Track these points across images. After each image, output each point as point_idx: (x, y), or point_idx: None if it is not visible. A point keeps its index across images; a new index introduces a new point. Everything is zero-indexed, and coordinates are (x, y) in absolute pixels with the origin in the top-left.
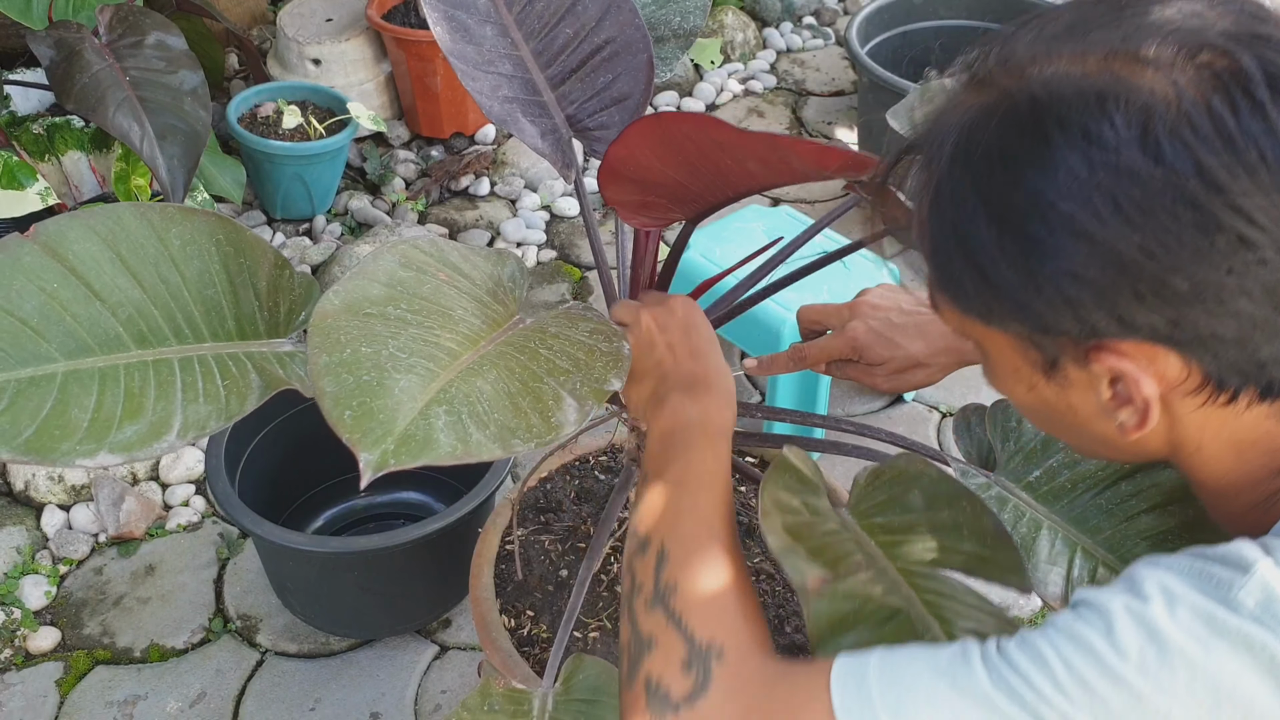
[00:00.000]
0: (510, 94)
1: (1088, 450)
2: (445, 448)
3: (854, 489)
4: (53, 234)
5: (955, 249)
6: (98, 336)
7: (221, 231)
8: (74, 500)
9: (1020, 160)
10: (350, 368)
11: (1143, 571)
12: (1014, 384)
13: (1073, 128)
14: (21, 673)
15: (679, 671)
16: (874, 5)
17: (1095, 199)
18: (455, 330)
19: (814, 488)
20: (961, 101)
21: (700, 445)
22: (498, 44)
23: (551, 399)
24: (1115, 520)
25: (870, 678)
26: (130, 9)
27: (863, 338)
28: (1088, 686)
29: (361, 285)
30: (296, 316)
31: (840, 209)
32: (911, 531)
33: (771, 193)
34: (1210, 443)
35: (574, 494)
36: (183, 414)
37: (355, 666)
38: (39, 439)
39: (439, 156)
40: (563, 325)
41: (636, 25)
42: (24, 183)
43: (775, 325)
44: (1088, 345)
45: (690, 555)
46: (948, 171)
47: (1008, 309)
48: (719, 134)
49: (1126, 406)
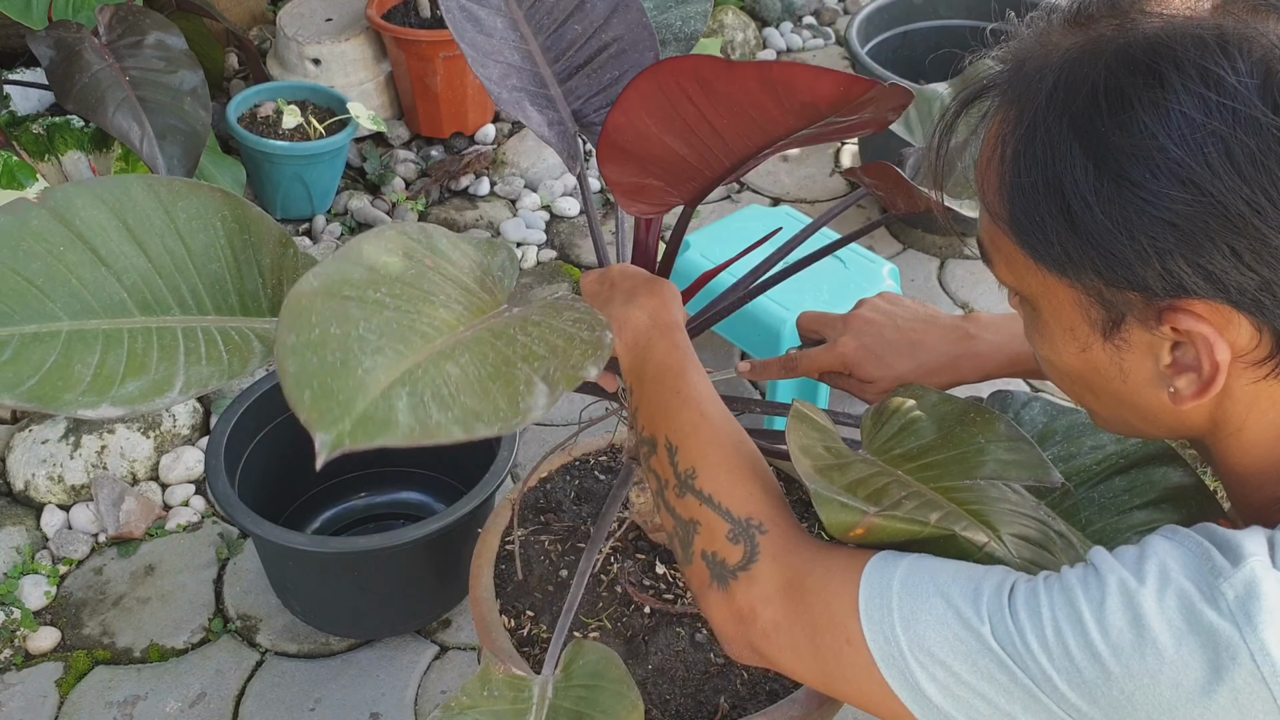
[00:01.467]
0: (519, 84)
1: (1119, 421)
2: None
3: (863, 431)
4: (61, 200)
5: (1044, 191)
6: (102, 301)
7: (228, 208)
8: (74, 500)
9: (1130, 100)
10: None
11: (1155, 545)
12: (1065, 343)
13: (1190, 69)
14: (21, 673)
15: (728, 543)
16: (874, 5)
17: (1208, 146)
18: (434, 316)
19: (830, 434)
20: (1057, 43)
21: (658, 343)
22: (508, 36)
23: (523, 384)
24: (1108, 515)
25: (894, 588)
26: (130, 9)
27: (852, 354)
28: (1069, 654)
29: (343, 267)
30: None
31: (840, 207)
32: (933, 453)
33: (772, 193)
34: (1254, 424)
35: (574, 494)
36: (185, 373)
37: (355, 666)
38: (41, 388)
39: (439, 156)
40: (547, 314)
41: (644, 25)
42: (24, 183)
43: (775, 325)
44: (1162, 304)
45: (693, 441)
46: (1045, 109)
47: (1090, 258)
48: (709, 71)
49: (1186, 373)
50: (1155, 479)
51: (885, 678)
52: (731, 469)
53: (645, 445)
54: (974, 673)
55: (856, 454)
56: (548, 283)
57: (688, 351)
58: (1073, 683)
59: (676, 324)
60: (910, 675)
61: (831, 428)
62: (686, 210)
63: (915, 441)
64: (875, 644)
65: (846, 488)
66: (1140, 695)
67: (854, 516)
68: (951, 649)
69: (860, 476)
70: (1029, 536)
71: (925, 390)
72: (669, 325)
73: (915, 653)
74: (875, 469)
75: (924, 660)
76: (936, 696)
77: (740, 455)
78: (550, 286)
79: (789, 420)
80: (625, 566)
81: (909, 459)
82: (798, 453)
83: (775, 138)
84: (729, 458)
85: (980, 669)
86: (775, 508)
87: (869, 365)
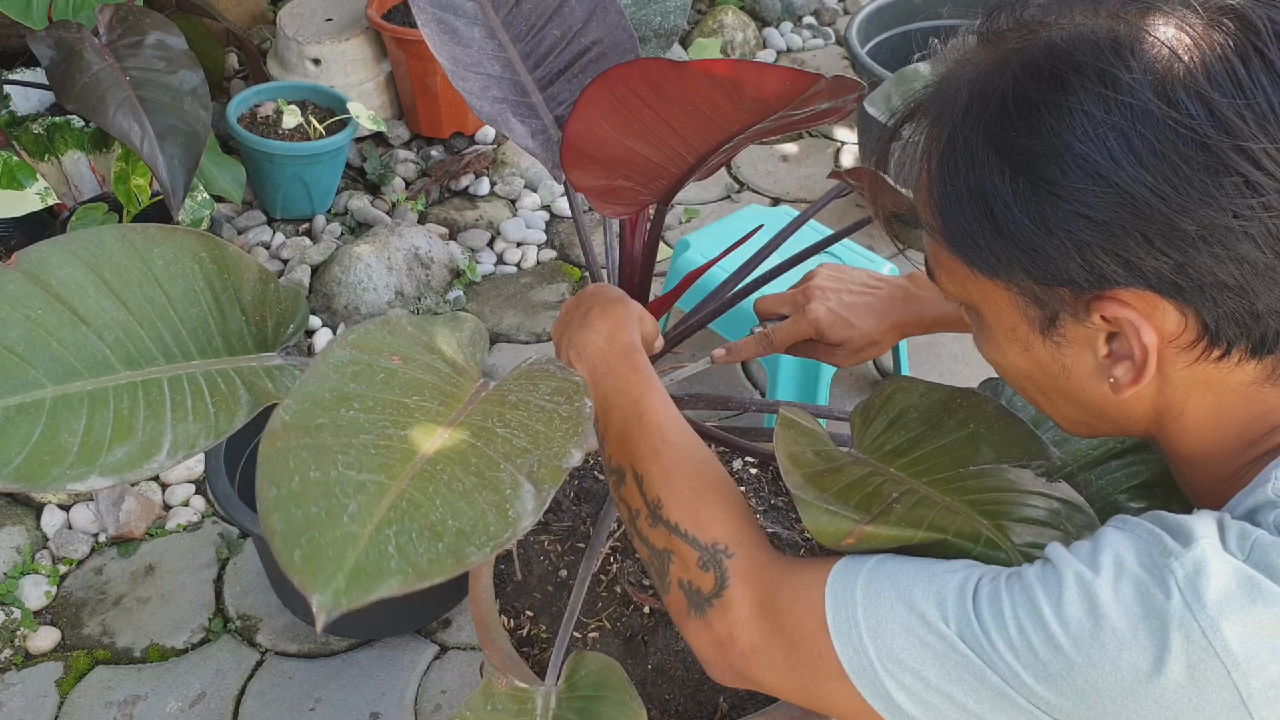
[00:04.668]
0: (499, 95)
1: (1073, 420)
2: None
3: (853, 428)
4: (35, 261)
5: (967, 199)
6: (85, 360)
7: (204, 249)
8: (74, 500)
9: (1036, 104)
10: (299, 500)
11: (1108, 536)
12: (1009, 345)
13: (1089, 72)
14: (21, 673)
15: (699, 571)
16: (874, 5)
17: (1110, 140)
18: (410, 423)
19: (819, 436)
20: (972, 59)
21: (615, 367)
22: (486, 46)
23: (509, 487)
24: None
25: (857, 598)
26: (130, 9)
27: (824, 319)
28: (1032, 648)
29: (312, 390)
30: (284, 329)
31: (824, 199)
32: (924, 445)
33: (772, 193)
34: (1194, 407)
35: (573, 494)
36: (172, 433)
37: (355, 666)
38: (29, 466)
39: (439, 156)
40: (524, 389)
41: (623, 27)
42: (24, 183)
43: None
44: (1089, 296)
45: (657, 469)
46: (961, 122)
47: (1016, 257)
48: (656, 74)
49: (1122, 362)
50: (1151, 463)
51: (857, 688)
52: (695, 494)
53: (614, 475)
54: (942, 676)
55: (847, 454)
56: (548, 282)
57: (645, 374)
58: (1039, 676)
59: (632, 346)
60: (880, 684)
61: (819, 429)
62: (661, 208)
63: (905, 435)
64: (845, 656)
65: (839, 493)
66: (1103, 681)
67: (845, 526)
68: (919, 654)
69: (852, 480)
70: (1032, 517)
71: (911, 381)
72: (625, 348)
73: (884, 661)
74: (867, 469)
75: (893, 668)
76: (907, 704)
77: (702, 478)
78: (551, 286)
79: (776, 429)
80: (625, 566)
81: (900, 454)
82: (787, 463)
83: (733, 133)
84: (692, 483)
85: (948, 672)
86: (740, 528)
87: (838, 328)
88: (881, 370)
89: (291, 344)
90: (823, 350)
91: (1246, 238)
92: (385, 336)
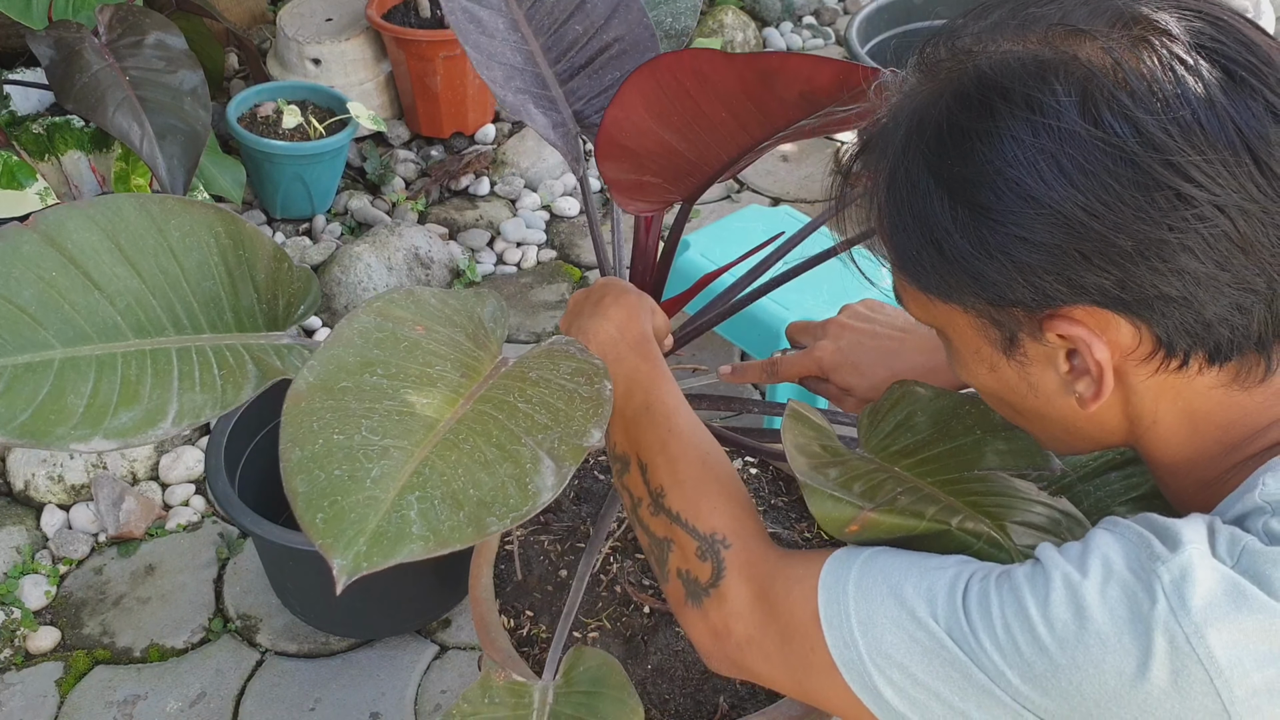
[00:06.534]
0: (521, 86)
1: (1050, 438)
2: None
3: (860, 429)
4: (52, 223)
5: (912, 227)
6: (95, 325)
7: (220, 224)
8: (74, 500)
9: (968, 132)
10: (322, 462)
11: (1098, 538)
12: (976, 367)
13: (1016, 98)
14: (21, 673)
15: (697, 561)
16: (874, 5)
17: (1040, 163)
18: (433, 391)
19: (827, 432)
20: (912, 91)
21: (626, 356)
22: (509, 37)
23: (529, 461)
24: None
25: (850, 591)
26: (130, 9)
27: (829, 360)
28: (1018, 649)
29: (337, 354)
30: (295, 309)
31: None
32: (930, 448)
33: (772, 193)
34: (1165, 415)
35: (573, 494)
36: (178, 402)
37: (355, 666)
38: (34, 422)
39: (439, 156)
40: (544, 367)
41: (644, 25)
42: (24, 183)
43: (775, 325)
44: (1041, 315)
45: (662, 457)
46: (901, 153)
47: (964, 281)
48: (707, 65)
49: (1083, 377)
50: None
51: (847, 682)
52: (698, 484)
53: (618, 462)
54: (929, 672)
55: (853, 452)
56: (548, 282)
57: (656, 363)
58: (1024, 676)
59: (645, 336)
60: (868, 678)
61: (828, 426)
62: (685, 208)
63: (912, 438)
64: (836, 649)
65: (842, 484)
66: (1087, 684)
67: (849, 512)
68: (908, 650)
69: (856, 474)
70: (1033, 523)
71: (920, 386)
72: (637, 338)
73: (873, 655)
74: (872, 466)
75: (881, 663)
76: (894, 700)
77: (707, 469)
78: (551, 286)
79: (785, 419)
80: (625, 566)
81: (906, 455)
82: (793, 451)
83: (774, 130)
84: (696, 473)
85: (935, 668)
86: (740, 520)
87: (845, 372)
88: None
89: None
90: (832, 391)
91: (1184, 250)
92: (409, 307)
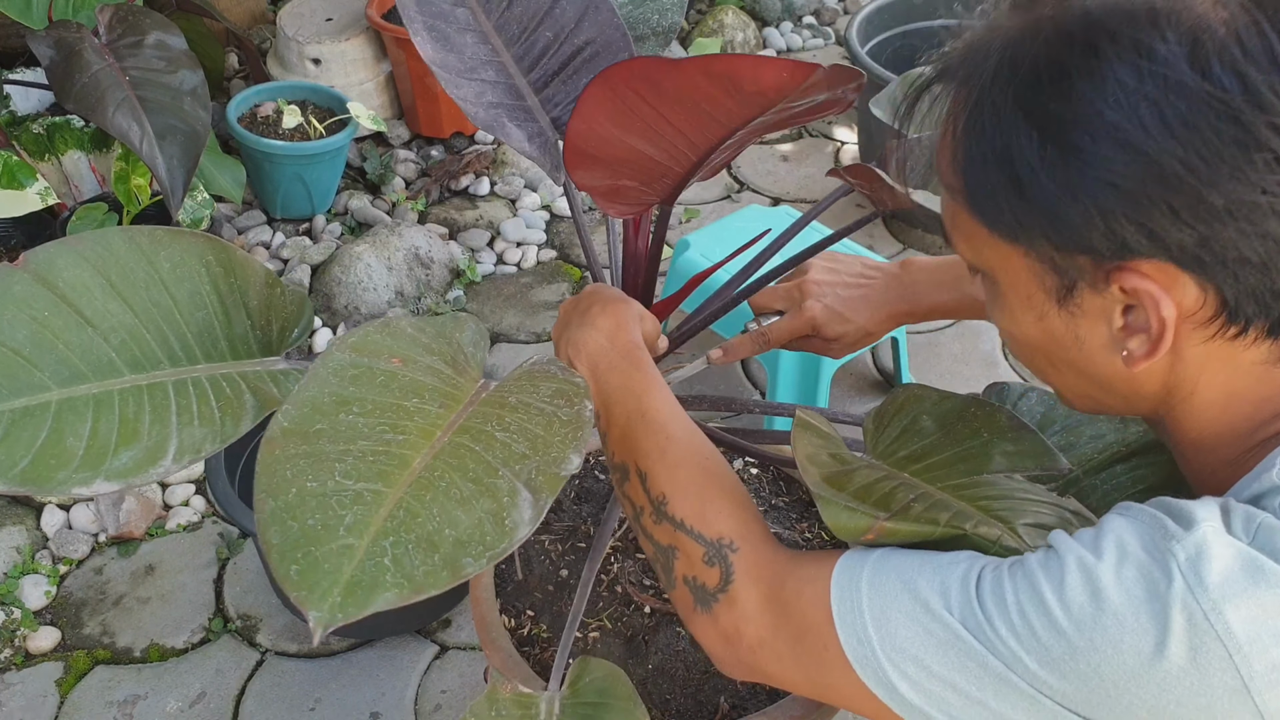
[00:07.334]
0: (495, 100)
1: (1078, 394)
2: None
3: (866, 434)
4: (42, 262)
5: (993, 162)
6: (91, 363)
7: (211, 252)
8: (74, 500)
9: (1068, 71)
10: (295, 511)
11: (1111, 522)
12: (1023, 313)
13: (1124, 41)
14: (21, 673)
15: (705, 567)
16: (874, 5)
17: (1142, 110)
18: (410, 426)
19: (834, 440)
20: (1003, 25)
21: (618, 364)
22: (479, 51)
23: (507, 494)
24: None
25: (862, 589)
26: (130, 9)
27: (820, 316)
28: (1035, 634)
29: (311, 395)
30: (289, 334)
31: (827, 200)
32: (938, 453)
33: (772, 193)
34: (1205, 386)
35: (574, 494)
36: (178, 438)
37: (355, 666)
38: (35, 468)
39: (439, 156)
40: (524, 390)
41: (615, 25)
42: (24, 182)
43: None
44: (1110, 266)
45: (661, 465)
46: (990, 85)
47: (1039, 222)
48: (654, 71)
49: (1137, 335)
50: (1156, 466)
51: (862, 678)
52: (700, 490)
53: (617, 472)
54: (945, 664)
55: (861, 459)
56: (548, 282)
57: (648, 371)
58: (1042, 660)
59: (635, 343)
60: (884, 674)
61: (834, 433)
62: (665, 208)
63: (919, 442)
64: (849, 646)
65: (855, 494)
66: (1105, 665)
67: (864, 522)
68: (923, 643)
69: (867, 482)
70: (1044, 524)
71: (925, 389)
72: (627, 346)
73: (888, 651)
74: (881, 473)
75: (896, 658)
76: (910, 694)
77: (707, 474)
78: (551, 286)
79: (794, 430)
80: (626, 566)
81: (914, 460)
82: (805, 462)
83: (734, 128)
84: (696, 479)
85: (951, 659)
86: (745, 523)
87: (834, 324)
88: (881, 370)
89: (296, 349)
90: (818, 344)
91: (1274, 214)
92: (385, 339)
